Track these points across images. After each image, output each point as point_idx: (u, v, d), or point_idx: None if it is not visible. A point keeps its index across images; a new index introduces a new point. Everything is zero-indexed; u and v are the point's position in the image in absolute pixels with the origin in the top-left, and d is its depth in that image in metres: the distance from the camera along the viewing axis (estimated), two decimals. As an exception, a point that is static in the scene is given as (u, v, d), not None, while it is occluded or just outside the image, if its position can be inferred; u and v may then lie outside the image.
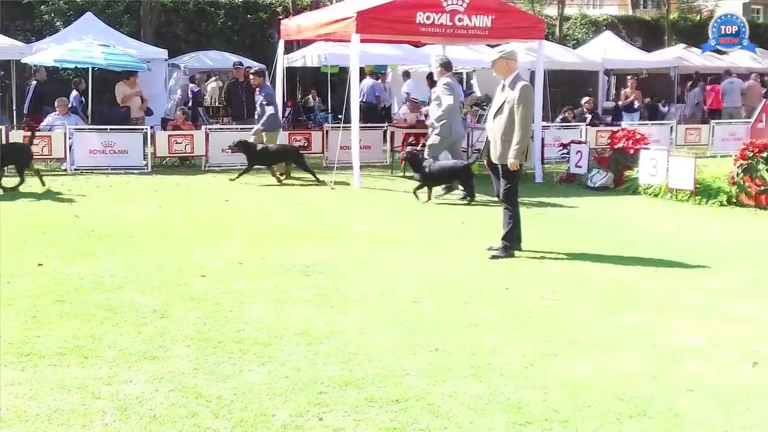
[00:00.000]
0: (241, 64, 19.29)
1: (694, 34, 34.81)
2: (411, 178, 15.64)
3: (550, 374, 5.19)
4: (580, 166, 15.06)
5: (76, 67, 19.88)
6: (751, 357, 5.58)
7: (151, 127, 17.36)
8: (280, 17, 24.34)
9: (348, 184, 14.33)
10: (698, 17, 39.93)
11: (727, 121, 21.99)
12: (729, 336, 6.05)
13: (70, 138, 15.88)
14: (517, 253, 8.74)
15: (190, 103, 22.17)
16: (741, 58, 29.24)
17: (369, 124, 18.43)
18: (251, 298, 6.87)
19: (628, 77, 23.15)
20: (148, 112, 18.64)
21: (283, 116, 18.73)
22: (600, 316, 6.57)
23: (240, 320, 6.23)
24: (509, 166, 8.59)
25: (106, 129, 16.34)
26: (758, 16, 49.81)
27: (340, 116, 21.13)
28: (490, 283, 7.55)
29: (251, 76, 15.62)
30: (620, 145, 14.53)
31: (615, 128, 16.46)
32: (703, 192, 12.66)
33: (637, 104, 22.02)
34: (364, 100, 21.41)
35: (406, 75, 24.89)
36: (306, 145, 17.81)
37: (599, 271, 8.07)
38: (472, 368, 5.28)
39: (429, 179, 12.80)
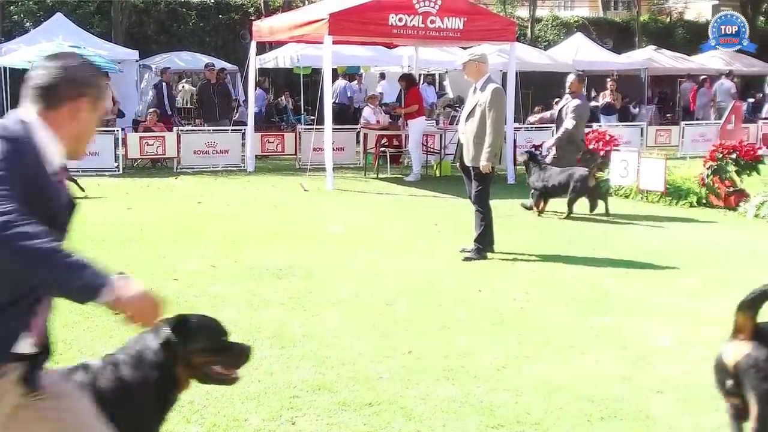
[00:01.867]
0: (213, 65, 19.22)
1: (665, 35, 35.11)
2: (385, 179, 15.69)
3: (523, 376, 5.23)
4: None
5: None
6: (720, 358, 5.64)
7: (123, 129, 17.29)
8: (252, 18, 24.27)
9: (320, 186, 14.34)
10: (668, 19, 40.25)
11: (697, 123, 22.21)
12: (698, 337, 6.11)
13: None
14: (489, 254, 8.78)
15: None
16: (711, 60, 29.55)
17: (342, 126, 18.45)
18: (224, 302, 6.85)
19: (608, 79, 23.25)
20: (120, 114, 18.52)
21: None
22: (571, 317, 6.62)
23: (213, 324, 6.20)
24: (481, 168, 8.63)
25: (77, 131, 16.20)
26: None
27: (312, 117, 21.16)
28: (462, 285, 7.59)
29: None
30: (591, 146, 14.61)
31: (586, 129, 16.55)
32: (674, 193, 12.77)
33: (609, 100, 22.12)
34: (336, 101, 21.41)
35: (382, 76, 24.97)
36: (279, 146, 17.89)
37: (570, 273, 8.13)
38: (445, 371, 5.30)
39: None
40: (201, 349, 3.03)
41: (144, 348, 2.99)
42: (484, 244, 8.77)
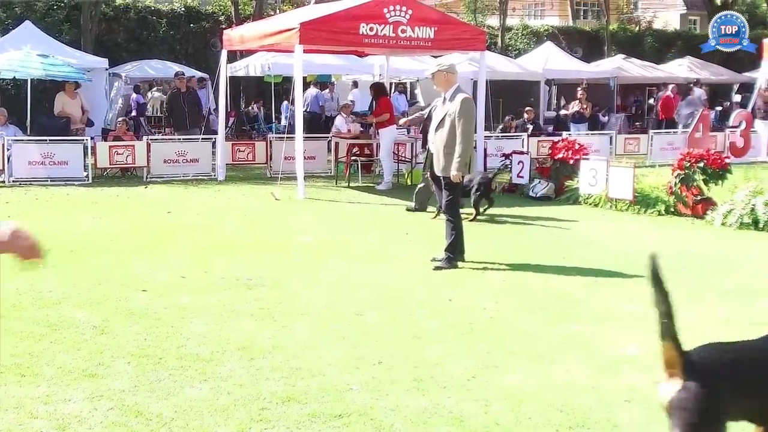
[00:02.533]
0: (183, 73, 19.14)
1: (634, 44, 35.48)
2: (356, 188, 15.68)
3: (492, 386, 5.24)
4: (521, 177, 15.23)
5: (14, 77, 19.57)
6: (687, 366, 5.68)
7: (92, 138, 17.17)
8: (223, 26, 24.23)
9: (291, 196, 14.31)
10: (637, 28, 40.69)
11: (666, 131, 22.43)
12: (666, 345, 6.15)
13: (8, 149, 15.61)
14: (460, 264, 8.80)
15: (133, 113, 21.94)
16: (679, 68, 29.88)
17: (313, 135, 18.45)
18: (193, 313, 6.81)
19: (577, 88, 23.42)
20: (89, 123, 18.39)
21: (226, 126, 18.63)
22: (540, 326, 6.65)
23: (181, 336, 6.18)
24: (452, 178, 8.67)
25: (46, 140, 16.10)
26: (695, 26, 50.89)
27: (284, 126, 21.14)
28: (433, 295, 7.60)
29: None
30: (561, 155, 14.73)
31: (556, 138, 16.69)
32: (642, 201, 12.87)
33: (578, 109, 22.26)
34: (308, 110, 21.40)
35: (355, 85, 25.02)
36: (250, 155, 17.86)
37: (540, 282, 8.17)
38: (414, 381, 5.30)
39: None
40: None
41: None
42: (454, 253, 8.80)
